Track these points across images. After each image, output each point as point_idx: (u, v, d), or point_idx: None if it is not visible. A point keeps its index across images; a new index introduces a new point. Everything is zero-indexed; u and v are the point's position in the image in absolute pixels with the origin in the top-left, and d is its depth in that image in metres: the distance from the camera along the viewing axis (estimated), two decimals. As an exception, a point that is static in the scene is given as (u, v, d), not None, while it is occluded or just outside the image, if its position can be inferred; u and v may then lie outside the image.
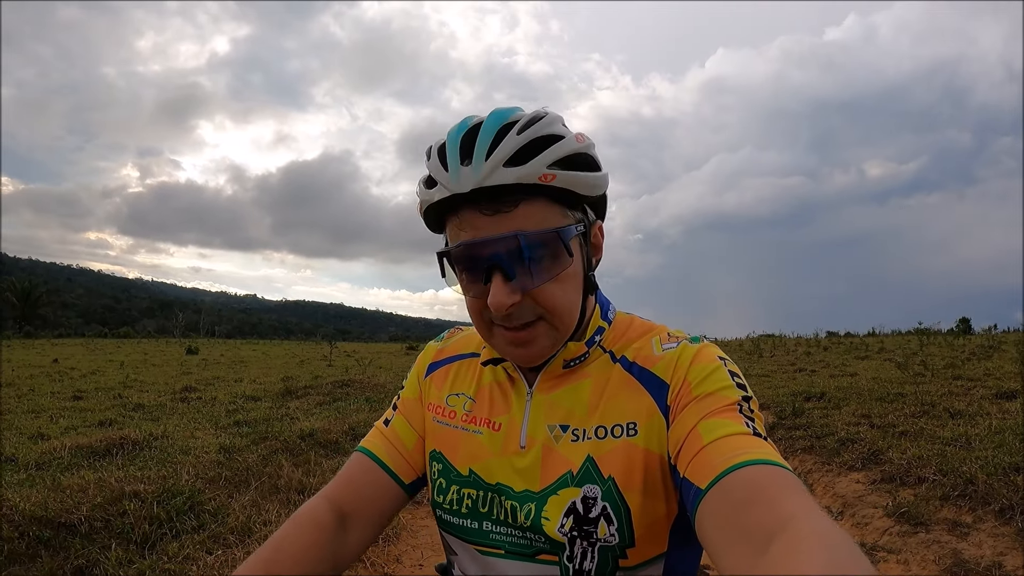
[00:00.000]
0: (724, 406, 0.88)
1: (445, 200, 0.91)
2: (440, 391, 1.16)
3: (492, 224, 0.89)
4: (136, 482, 4.29)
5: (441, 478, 1.08)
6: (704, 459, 0.80)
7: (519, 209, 0.89)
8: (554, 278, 0.93)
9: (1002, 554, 3.86)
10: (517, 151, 0.88)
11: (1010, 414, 6.94)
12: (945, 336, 21.50)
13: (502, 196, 0.88)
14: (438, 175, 0.91)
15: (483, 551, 1.02)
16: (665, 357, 1.00)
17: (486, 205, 0.89)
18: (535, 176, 0.88)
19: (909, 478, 5.35)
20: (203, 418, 7.95)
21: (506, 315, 0.92)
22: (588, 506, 0.93)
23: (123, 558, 3.43)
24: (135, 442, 5.84)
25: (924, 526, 4.44)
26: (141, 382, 13.21)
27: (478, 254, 0.91)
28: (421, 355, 1.25)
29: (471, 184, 0.87)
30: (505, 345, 0.98)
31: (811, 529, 0.61)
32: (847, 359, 16.21)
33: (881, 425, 7.16)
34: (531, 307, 0.94)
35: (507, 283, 0.90)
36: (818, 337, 27.81)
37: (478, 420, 1.08)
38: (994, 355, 13.53)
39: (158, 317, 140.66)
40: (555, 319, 0.95)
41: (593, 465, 0.95)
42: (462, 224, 0.92)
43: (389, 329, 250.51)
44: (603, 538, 0.92)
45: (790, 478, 0.73)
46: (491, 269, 0.91)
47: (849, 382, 10.77)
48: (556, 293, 0.94)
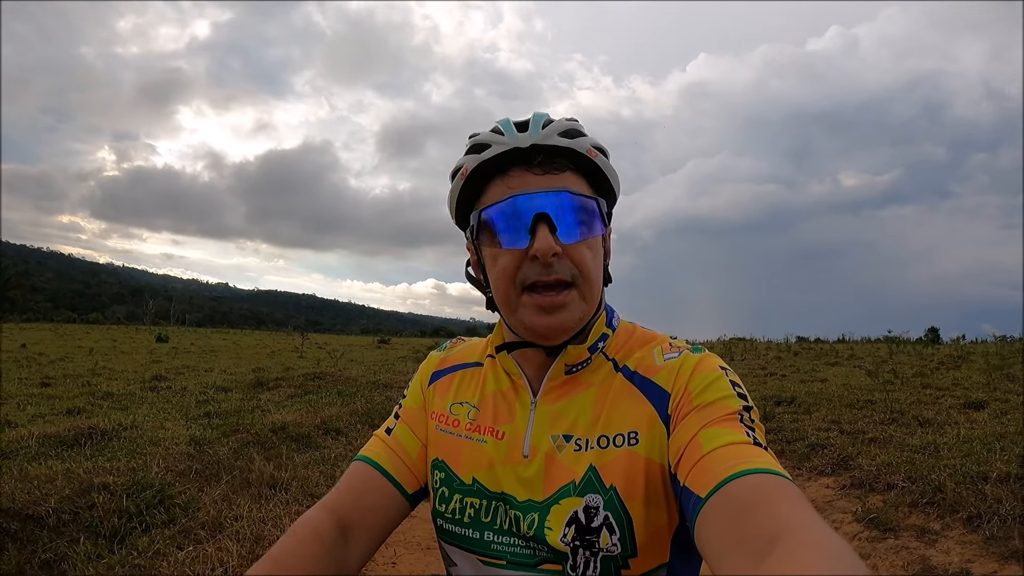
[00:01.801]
0: (725, 415, 0.89)
1: (499, 158, 0.99)
2: (443, 400, 1.16)
3: (542, 182, 0.98)
4: (105, 474, 4.22)
5: (443, 487, 1.07)
6: (704, 467, 0.81)
7: (565, 175, 1.00)
8: (587, 243, 1.00)
9: (969, 561, 3.93)
10: (568, 129, 1.00)
11: (978, 424, 7.07)
12: (914, 345, 21.85)
13: (554, 158, 0.99)
14: (493, 140, 1.00)
15: (485, 561, 1.01)
16: (667, 367, 1.01)
17: (539, 165, 0.99)
18: (584, 148, 1.00)
19: (878, 484, 5.42)
20: (173, 408, 7.87)
21: (546, 265, 0.96)
22: (590, 515, 0.93)
23: (92, 552, 3.38)
24: (104, 432, 5.75)
25: (893, 532, 4.50)
26: (110, 370, 13.05)
27: (527, 206, 0.97)
28: (423, 364, 1.27)
29: (530, 141, 0.98)
30: (534, 313, 0.99)
31: (812, 538, 0.61)
32: (817, 365, 16.42)
33: (851, 431, 7.26)
34: (568, 266, 0.98)
35: (552, 234, 0.96)
36: (789, 342, 28.11)
37: (482, 429, 1.08)
38: (962, 365, 13.78)
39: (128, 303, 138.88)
40: (585, 285, 0.99)
41: (595, 474, 0.96)
42: (511, 182, 1.00)
43: (361, 321, 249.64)
44: (605, 547, 0.92)
45: (791, 488, 0.73)
46: (537, 221, 0.96)
47: (819, 388, 10.91)
48: (588, 258, 1.00)
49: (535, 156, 0.98)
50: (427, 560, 4.22)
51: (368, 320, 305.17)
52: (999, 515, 4.32)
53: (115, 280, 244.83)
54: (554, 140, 0.98)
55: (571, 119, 1.03)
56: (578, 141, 0.99)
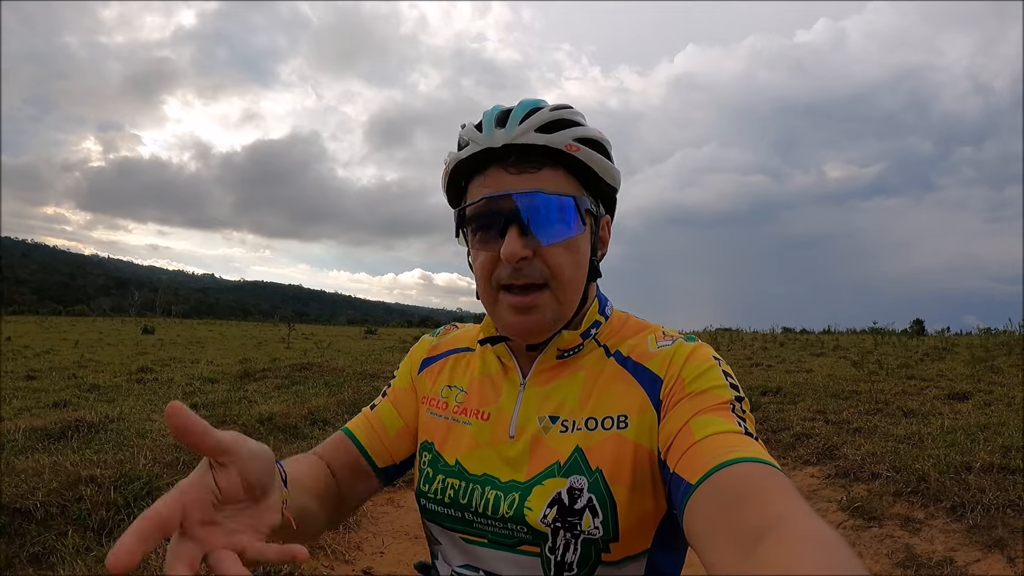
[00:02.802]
0: (717, 404, 0.89)
1: (475, 157, 0.99)
2: (435, 384, 1.18)
3: (516, 182, 0.97)
4: (92, 466, 4.19)
5: (429, 468, 1.09)
6: (695, 455, 0.81)
7: (542, 172, 0.98)
8: (564, 244, 0.98)
9: (953, 550, 3.98)
10: (548, 122, 0.97)
11: (962, 415, 7.14)
12: (899, 336, 21.96)
13: (529, 157, 0.97)
14: (472, 136, 0.99)
15: (467, 539, 1.02)
16: (660, 354, 1.01)
17: (513, 164, 0.97)
18: (561, 143, 0.97)
19: (863, 474, 5.48)
20: (160, 400, 7.83)
21: (515, 269, 0.96)
22: (574, 497, 0.93)
23: (80, 545, 3.36)
24: (91, 424, 5.72)
25: (877, 521, 4.55)
26: (96, 362, 12.97)
27: (498, 207, 0.97)
28: (415, 348, 1.28)
29: (503, 140, 0.96)
30: (509, 312, 1.00)
31: (802, 528, 0.61)
32: (803, 355, 16.50)
33: (836, 421, 7.33)
34: (540, 268, 0.97)
35: (521, 237, 0.95)
36: (774, 333, 28.20)
37: (468, 411, 1.09)
38: (947, 356, 13.89)
39: (114, 295, 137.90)
40: (559, 286, 0.99)
41: (581, 456, 0.96)
42: (487, 181, 0.99)
43: (347, 312, 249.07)
44: (587, 530, 0.92)
45: (781, 478, 0.73)
46: (508, 222, 0.96)
47: (805, 378, 10.98)
48: (564, 259, 0.98)
49: (509, 154, 0.97)
50: (415, 549, 4.23)
51: (355, 311, 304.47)
52: (982, 504, 4.38)
53: (100, 272, 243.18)
54: (529, 138, 0.95)
55: (559, 107, 1.01)
56: (556, 136, 0.96)
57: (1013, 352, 13.01)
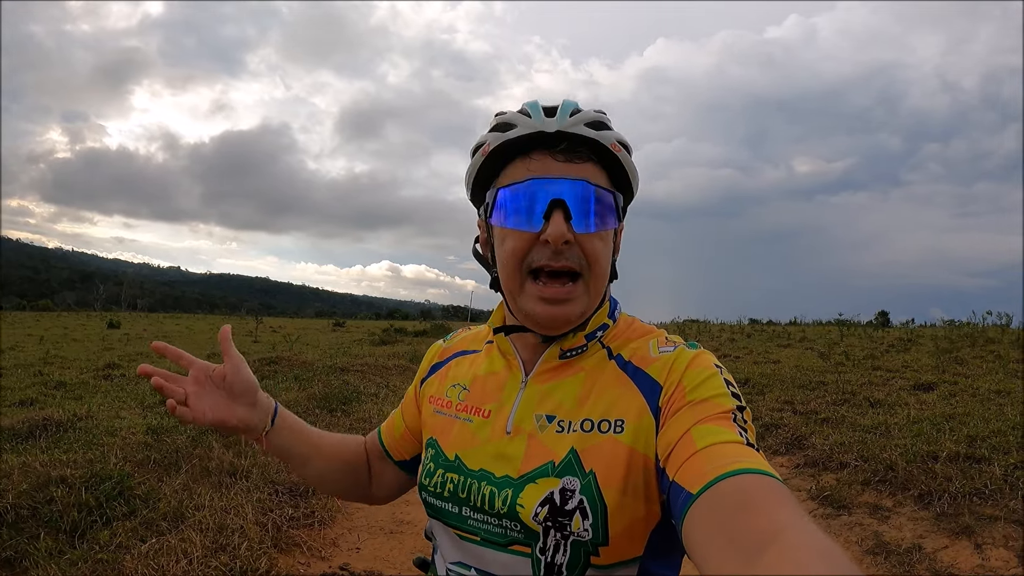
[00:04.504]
0: (718, 413, 0.88)
1: (523, 140, 1.00)
2: (441, 385, 1.21)
3: (564, 169, 0.99)
4: (62, 466, 4.11)
5: (431, 462, 1.11)
6: (696, 464, 0.81)
7: (587, 165, 1.01)
8: (600, 235, 1.01)
9: (922, 537, 4.08)
10: (595, 120, 1.01)
11: (928, 405, 7.28)
12: (864, 328, 22.23)
13: (578, 148, 1.00)
14: (519, 121, 1.01)
15: (462, 536, 1.03)
16: (661, 359, 1.01)
17: (562, 152, 1.00)
18: (609, 141, 1.00)
19: (831, 463, 5.59)
20: (128, 397, 7.70)
21: (556, 252, 0.98)
22: (565, 498, 0.94)
23: (53, 548, 3.31)
24: (59, 423, 5.60)
25: (846, 509, 4.65)
26: (62, 358, 12.75)
27: (545, 190, 0.98)
28: (426, 355, 1.33)
29: (556, 127, 0.98)
30: (537, 302, 1.00)
31: (804, 540, 0.62)
32: (770, 347, 16.66)
33: (804, 412, 7.45)
34: (578, 255, 0.99)
35: (566, 222, 0.97)
36: (742, 324, 28.42)
37: (470, 408, 1.11)
38: (912, 348, 14.10)
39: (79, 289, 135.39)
40: (593, 278, 1.01)
41: (576, 457, 0.96)
42: (532, 165, 1.01)
43: (315, 304, 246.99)
44: (576, 532, 0.92)
45: (783, 490, 0.73)
46: (554, 206, 0.97)
47: (772, 369, 11.12)
48: (600, 250, 1.01)
49: (559, 142, 0.99)
50: (391, 545, 4.23)
51: (322, 303, 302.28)
52: (949, 493, 4.49)
53: (65, 265, 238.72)
54: (580, 129, 0.98)
55: (599, 111, 1.04)
56: (604, 134, 1.00)
57: (977, 344, 13.27)
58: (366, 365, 11.55)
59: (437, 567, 1.12)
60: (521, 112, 1.03)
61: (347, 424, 7.06)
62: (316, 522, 4.36)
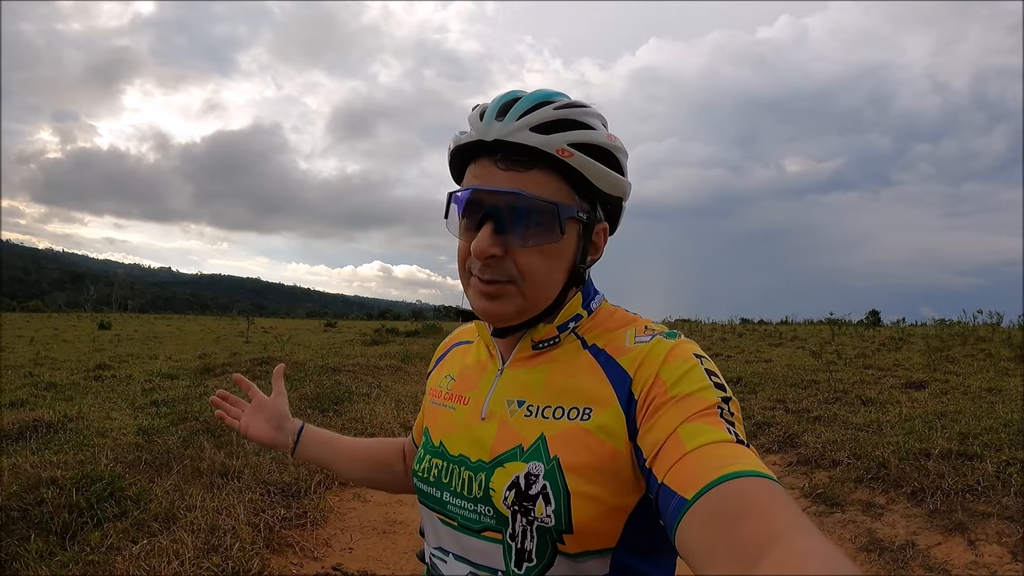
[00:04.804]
0: (704, 409, 0.85)
1: (469, 146, 0.99)
2: (439, 376, 1.23)
3: (502, 178, 0.95)
4: (53, 467, 4.10)
5: (422, 448, 1.14)
6: (687, 467, 0.78)
7: (531, 174, 0.95)
8: (539, 249, 0.97)
9: (915, 533, 4.09)
10: (547, 122, 0.95)
11: (919, 403, 7.32)
12: (855, 327, 22.29)
13: (519, 155, 0.95)
14: (473, 124, 0.99)
15: (443, 521, 1.05)
16: (635, 350, 0.98)
17: (503, 160, 0.96)
18: (553, 147, 0.94)
19: (824, 461, 5.61)
20: (119, 398, 7.69)
21: (483, 265, 0.96)
22: (530, 482, 0.93)
23: (44, 550, 3.29)
24: (49, 424, 5.59)
25: (839, 507, 4.67)
26: (52, 359, 12.68)
27: (479, 200, 0.97)
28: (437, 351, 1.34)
29: (495, 135, 0.94)
30: (476, 296, 1.01)
31: (804, 545, 0.60)
32: (761, 346, 16.70)
33: (796, 410, 7.48)
34: (509, 268, 0.97)
35: (494, 235, 0.95)
36: (733, 323, 28.47)
37: (454, 396, 1.13)
38: (903, 347, 14.16)
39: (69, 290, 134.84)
40: (526, 287, 0.98)
41: (543, 443, 0.96)
42: (477, 172, 0.99)
43: (306, 305, 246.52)
44: (540, 517, 0.92)
45: (779, 491, 0.71)
46: (485, 217, 0.96)
47: (764, 368, 11.14)
48: (536, 264, 0.97)
49: (499, 150, 0.96)
50: (383, 545, 4.22)
51: (313, 303, 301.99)
52: (942, 489, 4.51)
53: (55, 266, 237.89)
54: (521, 136, 0.93)
55: (570, 105, 0.98)
56: (551, 138, 0.93)
57: (968, 342, 13.33)
58: (358, 365, 11.54)
59: (424, 553, 1.15)
60: (479, 111, 0.99)
61: (339, 424, 7.03)
62: (309, 522, 4.35)
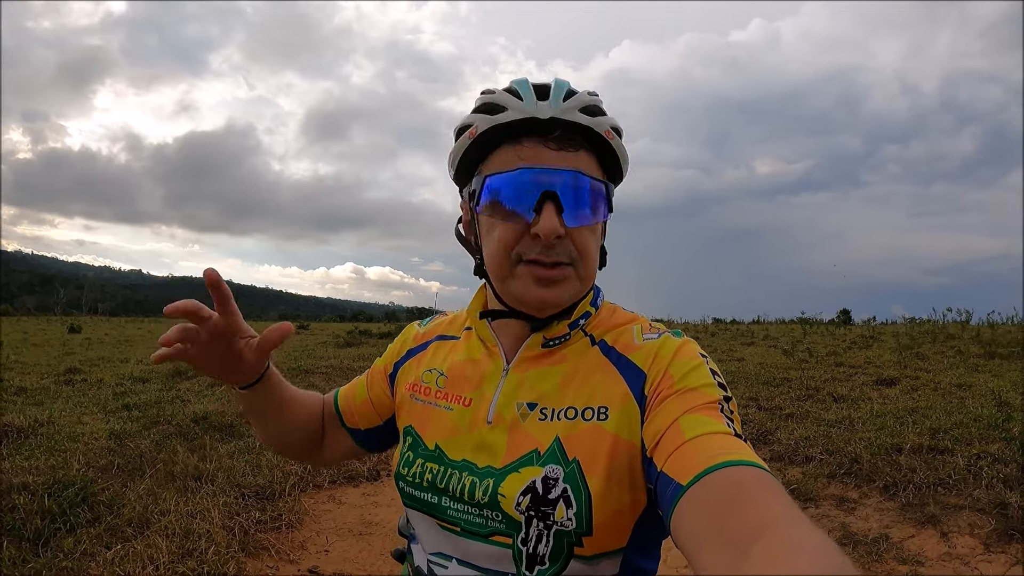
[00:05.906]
0: (706, 403, 0.87)
1: (512, 125, 0.95)
2: (418, 369, 1.17)
3: (556, 158, 0.95)
4: (24, 473, 4.04)
5: (409, 451, 1.08)
6: (685, 455, 0.79)
7: (580, 154, 0.96)
8: (590, 228, 0.98)
9: (888, 527, 4.16)
10: (589, 105, 0.96)
11: (890, 399, 7.43)
12: (826, 326, 22.51)
13: (572, 135, 0.95)
14: (509, 103, 0.96)
15: (442, 525, 1.01)
16: (645, 347, 1.00)
17: (554, 140, 0.95)
18: (603, 128, 0.96)
19: (797, 457, 5.68)
20: (90, 402, 7.57)
21: (547, 246, 0.94)
22: (548, 486, 0.92)
23: (16, 557, 3.24)
24: (19, 429, 5.49)
25: (813, 502, 4.73)
26: (22, 363, 12.45)
27: (537, 181, 0.94)
28: (402, 336, 1.29)
29: (550, 113, 0.93)
30: (530, 283, 0.97)
31: (794, 533, 0.61)
32: (734, 345, 16.78)
33: (769, 408, 7.54)
34: (569, 248, 0.96)
35: (558, 214, 0.93)
36: (705, 323, 28.63)
37: (450, 396, 1.08)
38: (873, 344, 14.33)
39: (38, 293, 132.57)
40: (583, 268, 0.98)
41: (559, 446, 0.94)
42: (522, 152, 0.95)
43: (279, 307, 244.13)
44: (560, 521, 0.90)
45: (772, 481, 0.72)
46: (545, 198, 0.93)
47: (737, 367, 11.20)
48: (590, 244, 0.98)
49: (552, 129, 0.94)
50: (359, 547, 4.20)
51: (286, 305, 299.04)
52: (914, 483, 4.59)
53: (24, 268, 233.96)
54: (575, 116, 0.94)
55: (592, 93, 0.99)
56: (598, 120, 0.96)
57: (938, 340, 13.55)
58: (331, 367, 11.46)
59: (415, 557, 1.10)
60: (511, 92, 0.97)
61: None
62: (284, 525, 4.32)
